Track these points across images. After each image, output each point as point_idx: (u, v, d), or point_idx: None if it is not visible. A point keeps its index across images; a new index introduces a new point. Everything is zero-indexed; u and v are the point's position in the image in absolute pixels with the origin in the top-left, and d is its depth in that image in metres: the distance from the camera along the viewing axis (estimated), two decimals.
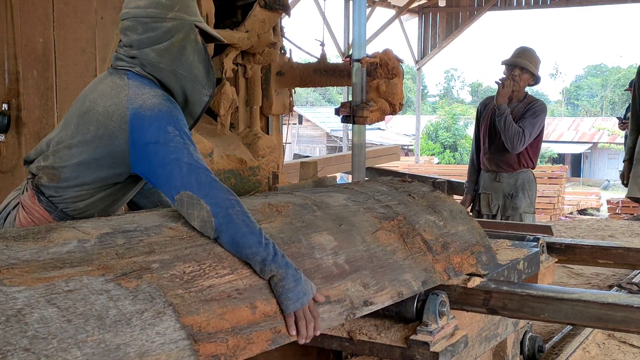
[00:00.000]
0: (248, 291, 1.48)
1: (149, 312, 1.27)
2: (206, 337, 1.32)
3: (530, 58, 4.61)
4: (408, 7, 15.35)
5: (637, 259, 2.85)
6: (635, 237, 7.59)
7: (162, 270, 1.39)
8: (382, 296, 1.79)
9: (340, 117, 3.02)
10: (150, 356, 1.22)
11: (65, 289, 1.22)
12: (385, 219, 2.04)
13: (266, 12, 2.84)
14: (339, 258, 1.77)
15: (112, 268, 1.33)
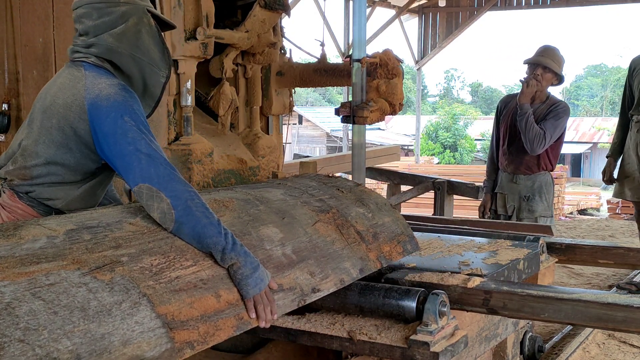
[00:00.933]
0: (211, 281, 1.57)
1: (127, 303, 1.35)
2: (179, 325, 1.41)
3: (553, 57, 4.47)
4: (408, 7, 15.35)
5: (637, 259, 2.85)
6: (635, 237, 7.59)
7: (132, 263, 1.47)
8: (327, 283, 1.90)
9: (340, 117, 3.02)
10: (133, 344, 1.29)
11: (46, 283, 1.29)
12: (321, 211, 2.14)
13: (266, 12, 2.84)
14: (287, 249, 1.87)
15: (85, 262, 1.40)
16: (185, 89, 2.68)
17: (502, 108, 4.74)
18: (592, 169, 30.91)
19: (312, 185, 2.36)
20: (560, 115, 4.46)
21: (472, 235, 2.90)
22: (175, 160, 2.67)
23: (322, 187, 2.36)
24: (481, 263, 2.38)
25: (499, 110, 4.77)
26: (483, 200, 4.80)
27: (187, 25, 2.64)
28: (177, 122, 2.71)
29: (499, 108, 4.79)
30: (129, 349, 1.28)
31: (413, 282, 2.18)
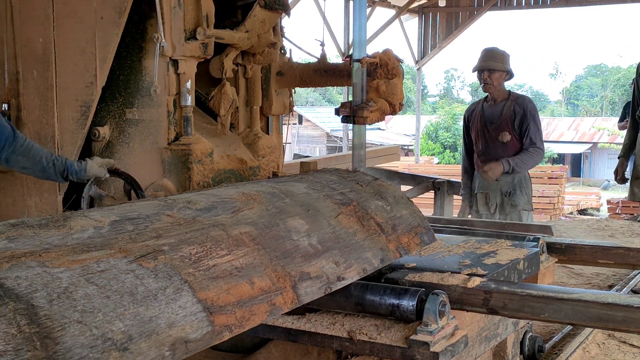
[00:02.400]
0: (245, 269, 1.65)
1: (170, 289, 1.44)
2: (218, 309, 1.49)
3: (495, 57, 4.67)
4: (408, 7, 15.36)
5: (637, 259, 2.85)
6: (635, 237, 7.59)
7: (172, 252, 1.55)
8: (351, 272, 1.97)
9: (340, 117, 3.02)
10: (177, 326, 1.38)
11: (98, 270, 1.38)
12: (342, 204, 2.23)
13: (266, 12, 2.85)
14: (312, 239, 1.94)
15: (130, 251, 1.49)
16: (185, 89, 2.68)
17: (469, 116, 4.98)
18: (592, 169, 30.91)
19: (333, 179, 2.45)
20: (535, 115, 4.67)
21: (472, 235, 2.90)
22: (175, 160, 2.68)
23: (342, 181, 2.45)
24: (481, 263, 2.37)
25: (466, 120, 4.97)
26: (462, 207, 4.94)
27: (187, 26, 2.64)
28: (177, 122, 2.71)
29: (466, 117, 5.03)
30: (174, 331, 1.37)
31: (413, 282, 2.18)
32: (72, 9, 2.70)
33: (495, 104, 4.73)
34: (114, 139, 2.79)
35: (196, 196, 1.95)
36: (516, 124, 4.66)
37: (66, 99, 2.76)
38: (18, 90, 2.84)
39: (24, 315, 1.18)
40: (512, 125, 4.67)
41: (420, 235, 2.38)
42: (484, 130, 4.76)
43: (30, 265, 1.31)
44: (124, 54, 2.72)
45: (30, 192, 2.86)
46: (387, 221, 2.28)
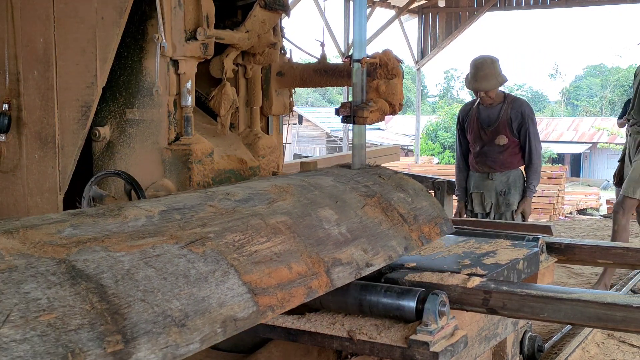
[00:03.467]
0: (283, 255, 1.77)
1: (218, 272, 1.56)
2: (261, 291, 1.62)
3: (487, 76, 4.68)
4: (408, 7, 15.36)
5: (636, 259, 2.85)
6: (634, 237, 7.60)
7: (217, 239, 1.67)
8: (378, 259, 2.09)
9: (340, 117, 3.03)
10: (227, 306, 1.50)
11: (154, 254, 1.50)
12: (367, 196, 2.34)
13: (266, 12, 2.85)
14: (342, 228, 2.07)
15: (180, 237, 1.61)
16: (185, 89, 2.68)
17: (464, 117, 4.99)
18: (592, 169, 30.92)
19: (356, 172, 2.60)
20: (533, 118, 4.77)
21: (472, 235, 2.91)
22: (175, 160, 2.68)
23: (365, 175, 2.57)
24: (481, 263, 2.38)
25: (461, 120, 5.01)
26: (458, 207, 5.00)
27: (187, 26, 2.64)
28: (178, 122, 2.71)
29: (460, 118, 5.06)
30: (224, 310, 1.49)
31: (413, 282, 2.19)
32: (73, 9, 2.70)
33: (491, 106, 4.76)
34: (114, 139, 2.79)
35: (233, 188, 2.09)
36: (514, 127, 4.72)
37: (67, 99, 2.76)
38: (18, 90, 2.85)
39: (95, 293, 1.30)
40: (509, 129, 4.72)
41: (439, 225, 2.50)
42: (480, 132, 4.79)
43: (95, 250, 1.44)
44: (124, 54, 2.73)
45: (31, 192, 2.86)
46: (409, 212, 2.41)
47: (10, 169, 2.90)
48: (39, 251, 1.36)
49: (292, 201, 2.05)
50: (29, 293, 1.22)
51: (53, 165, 2.81)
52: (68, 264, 1.34)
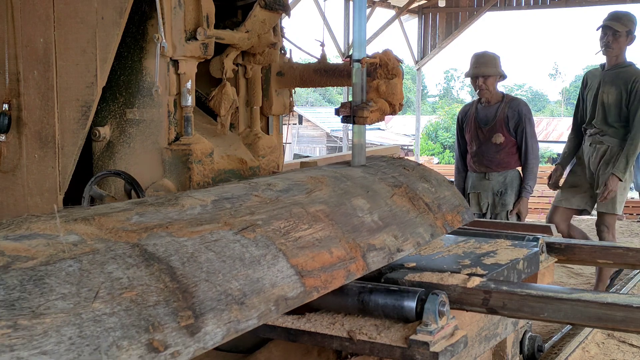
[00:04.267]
0: (324, 241, 1.90)
1: (269, 256, 1.69)
2: (307, 273, 1.75)
3: (487, 62, 4.71)
4: (408, 7, 15.35)
5: (636, 259, 2.85)
6: (634, 237, 7.60)
7: (266, 225, 1.80)
8: (408, 245, 2.23)
9: (340, 117, 3.03)
10: (278, 286, 1.64)
11: (212, 239, 1.63)
12: (395, 186, 2.48)
13: (266, 12, 2.85)
14: (374, 216, 2.20)
15: (233, 224, 1.74)
16: (185, 89, 2.68)
17: (463, 117, 5.02)
18: None
19: (382, 165, 2.74)
20: (531, 118, 4.78)
21: (472, 235, 2.91)
22: (175, 160, 2.68)
23: (391, 167, 2.71)
24: (481, 263, 2.38)
25: (460, 121, 5.03)
26: None
27: (187, 26, 2.64)
28: (178, 122, 2.71)
29: (460, 119, 5.08)
30: (276, 290, 1.62)
31: (413, 282, 2.19)
32: (73, 9, 2.70)
33: (489, 105, 4.78)
34: (114, 139, 2.79)
35: (273, 179, 2.23)
36: (510, 126, 4.73)
37: (67, 99, 2.76)
38: (18, 90, 2.85)
39: (166, 274, 1.43)
40: (506, 127, 4.72)
41: (461, 213, 2.67)
42: (478, 131, 4.81)
43: (162, 235, 1.56)
44: (124, 54, 2.73)
45: (31, 192, 2.86)
46: (433, 201, 2.55)
47: (10, 169, 2.90)
48: (115, 236, 1.50)
49: (327, 191, 2.20)
50: (111, 273, 1.35)
51: (53, 165, 2.81)
52: (141, 248, 1.48)
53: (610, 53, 4.73)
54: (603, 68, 4.85)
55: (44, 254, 1.33)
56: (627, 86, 4.65)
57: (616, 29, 4.68)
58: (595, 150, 4.80)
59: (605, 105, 4.73)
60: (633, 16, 4.79)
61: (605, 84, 4.75)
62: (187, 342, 1.33)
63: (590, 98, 4.87)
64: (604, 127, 4.74)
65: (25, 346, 1.10)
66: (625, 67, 4.77)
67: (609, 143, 4.73)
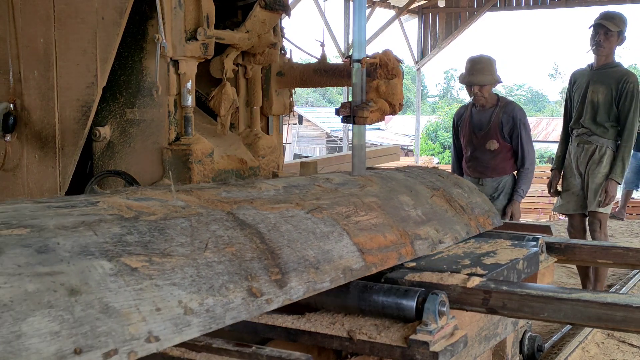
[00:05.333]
0: (379, 226, 2.16)
1: (335, 233, 1.95)
2: (367, 251, 2.00)
3: (483, 70, 4.58)
4: (408, 7, 15.36)
5: (636, 259, 2.85)
6: (634, 237, 7.61)
7: (330, 209, 2.06)
8: (447, 238, 2.47)
9: (340, 117, 3.03)
10: (344, 259, 1.90)
11: (288, 215, 1.88)
12: (434, 189, 2.73)
13: (266, 12, 2.85)
14: (418, 211, 2.45)
15: (303, 206, 2.00)
16: (185, 89, 2.69)
17: (458, 120, 4.93)
18: None
19: (420, 171, 3.01)
20: (526, 123, 4.68)
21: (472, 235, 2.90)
22: (175, 160, 2.68)
23: (428, 174, 2.98)
24: (480, 263, 2.38)
25: (455, 123, 4.93)
26: None
27: (187, 26, 2.65)
28: (178, 123, 2.71)
29: (455, 121, 4.95)
30: (343, 261, 1.88)
31: (413, 281, 2.19)
32: (74, 9, 2.71)
33: (484, 109, 4.68)
34: (114, 139, 2.79)
35: (330, 175, 2.56)
36: (505, 131, 4.62)
37: (67, 99, 2.76)
38: (19, 90, 2.85)
39: (256, 237, 1.69)
40: (500, 133, 4.63)
41: (491, 217, 2.94)
42: (472, 136, 4.72)
43: (248, 208, 1.83)
44: (124, 55, 2.73)
45: (31, 192, 2.87)
46: (467, 204, 2.79)
47: (12, 169, 2.90)
48: (211, 205, 1.77)
49: (377, 187, 2.46)
50: (215, 231, 1.62)
51: (53, 165, 2.81)
52: (234, 215, 1.75)
53: (601, 52, 4.72)
54: (591, 67, 4.84)
55: (161, 212, 1.62)
56: (618, 85, 4.64)
57: (609, 28, 4.68)
58: (583, 151, 4.78)
59: (595, 104, 4.72)
60: (624, 17, 4.79)
61: (595, 83, 4.74)
62: (277, 292, 1.60)
63: (578, 97, 4.85)
64: (592, 127, 4.73)
65: (159, 277, 1.37)
66: (614, 66, 4.77)
67: (597, 143, 4.72)
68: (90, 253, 1.33)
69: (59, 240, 1.32)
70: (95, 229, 1.42)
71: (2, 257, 1.19)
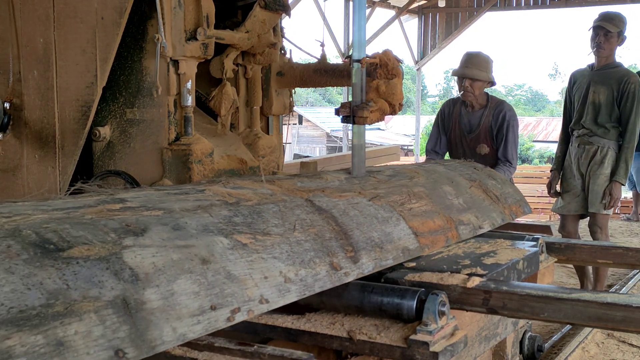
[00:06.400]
0: (429, 213, 2.43)
1: (393, 218, 2.22)
2: (420, 234, 2.27)
3: (478, 65, 4.40)
4: (408, 7, 15.36)
5: (636, 259, 2.85)
6: (634, 236, 7.61)
7: (387, 197, 2.33)
8: (486, 224, 2.74)
9: (340, 117, 3.03)
10: (402, 240, 2.17)
11: (354, 202, 2.15)
12: (471, 180, 2.99)
13: (266, 12, 2.85)
14: (459, 200, 2.71)
15: (364, 195, 2.26)
16: (185, 89, 2.69)
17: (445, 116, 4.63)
18: None
19: (457, 165, 3.28)
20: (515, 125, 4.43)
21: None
22: (175, 160, 2.68)
23: (464, 167, 3.24)
24: (481, 263, 2.38)
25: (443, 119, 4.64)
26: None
27: (187, 26, 2.65)
28: (178, 123, 2.71)
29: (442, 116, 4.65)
30: (401, 242, 2.15)
31: (413, 281, 2.18)
32: (73, 9, 2.70)
33: (473, 110, 4.50)
34: (114, 139, 2.79)
35: (381, 168, 2.94)
36: (495, 134, 4.45)
37: (67, 99, 2.76)
38: (19, 90, 2.85)
39: (331, 220, 1.97)
40: (490, 137, 4.46)
41: (522, 206, 3.18)
42: (462, 138, 4.56)
43: (321, 196, 2.11)
44: (124, 54, 2.73)
45: (31, 192, 2.86)
46: (500, 194, 3.05)
47: (11, 169, 2.90)
48: (292, 193, 2.06)
49: (423, 179, 2.73)
50: (299, 215, 1.90)
51: (53, 165, 2.81)
52: (311, 202, 2.03)
53: (602, 53, 4.71)
54: (592, 68, 4.83)
55: (255, 198, 1.91)
56: (620, 85, 4.63)
57: (608, 29, 4.67)
58: (584, 152, 4.77)
59: (596, 105, 4.70)
60: (624, 17, 4.78)
61: (596, 83, 4.72)
62: (352, 267, 1.88)
63: (578, 98, 4.83)
64: (594, 127, 4.72)
65: (264, 251, 1.65)
66: (615, 67, 4.76)
67: (599, 144, 4.70)
68: (210, 231, 1.61)
69: (186, 220, 1.60)
70: (209, 211, 1.71)
71: (149, 232, 1.47)
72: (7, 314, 1.09)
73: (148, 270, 1.35)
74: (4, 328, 1.06)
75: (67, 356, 1.11)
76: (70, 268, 1.25)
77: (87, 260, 1.28)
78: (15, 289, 1.14)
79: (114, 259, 1.33)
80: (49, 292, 1.17)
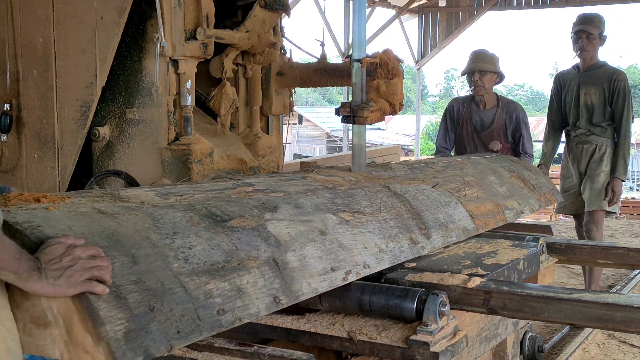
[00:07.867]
0: (481, 199, 2.79)
1: (453, 202, 2.59)
2: (475, 216, 2.62)
3: (484, 59, 4.54)
4: (408, 7, 15.34)
5: (636, 259, 2.85)
6: (635, 237, 7.60)
7: (445, 185, 2.69)
8: (526, 210, 3.08)
9: (340, 117, 3.02)
10: (462, 221, 2.54)
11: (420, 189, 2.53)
12: (510, 171, 3.35)
13: (266, 12, 2.85)
14: (503, 188, 3.07)
15: (427, 182, 2.62)
16: (185, 89, 2.68)
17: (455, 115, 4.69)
18: None
19: (497, 157, 3.64)
20: (527, 122, 4.67)
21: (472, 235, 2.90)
22: (175, 160, 2.68)
23: (503, 159, 3.58)
24: (481, 263, 2.37)
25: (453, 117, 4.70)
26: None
27: (187, 26, 2.64)
28: (178, 122, 2.71)
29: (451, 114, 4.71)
30: (460, 223, 2.52)
31: (413, 282, 2.18)
32: (73, 9, 2.70)
33: (485, 109, 4.60)
34: (114, 139, 2.79)
35: (435, 160, 3.44)
36: (509, 132, 4.59)
37: (66, 99, 2.76)
38: (18, 90, 2.85)
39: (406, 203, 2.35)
40: (504, 135, 4.59)
41: (555, 195, 3.60)
42: (473, 135, 4.65)
43: (394, 183, 2.48)
44: (124, 54, 2.72)
45: (30, 192, 2.86)
46: (536, 184, 3.40)
47: (10, 169, 2.90)
48: (371, 180, 2.43)
49: (471, 170, 3.07)
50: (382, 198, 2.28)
51: (52, 165, 2.81)
52: (388, 188, 2.40)
53: (586, 55, 4.75)
54: (578, 69, 4.85)
55: (345, 184, 2.27)
56: (610, 85, 4.68)
57: (590, 32, 4.71)
58: (582, 150, 4.81)
59: (589, 106, 4.75)
60: (602, 17, 4.83)
61: (585, 85, 4.76)
62: (426, 242, 2.25)
63: (570, 100, 4.87)
64: (590, 127, 4.76)
65: (361, 226, 2.04)
66: (601, 66, 4.79)
67: (597, 142, 4.75)
68: (321, 209, 1.99)
69: (302, 200, 1.98)
70: (316, 194, 2.10)
71: (280, 209, 1.87)
72: (204, 266, 1.49)
73: (286, 238, 1.75)
74: (204, 276, 1.46)
75: (245, 299, 1.50)
76: (235, 234, 1.65)
77: (244, 229, 1.68)
78: (204, 249, 1.54)
79: (261, 228, 1.73)
80: (225, 252, 1.57)
